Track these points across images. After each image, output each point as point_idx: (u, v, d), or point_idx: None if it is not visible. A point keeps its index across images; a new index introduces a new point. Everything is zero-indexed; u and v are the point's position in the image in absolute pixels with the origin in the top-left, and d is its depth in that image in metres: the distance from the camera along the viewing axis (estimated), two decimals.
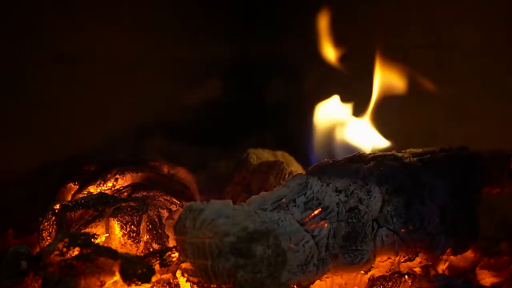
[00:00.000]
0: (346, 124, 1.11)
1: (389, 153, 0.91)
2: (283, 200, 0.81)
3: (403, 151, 0.93)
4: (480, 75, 1.34)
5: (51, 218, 0.90)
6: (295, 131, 1.69)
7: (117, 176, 0.99)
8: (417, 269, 0.92)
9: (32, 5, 1.32)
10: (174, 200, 0.97)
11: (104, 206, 0.90)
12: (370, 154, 0.91)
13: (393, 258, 0.87)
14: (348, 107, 1.15)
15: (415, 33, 1.42)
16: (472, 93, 1.35)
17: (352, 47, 1.29)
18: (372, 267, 0.85)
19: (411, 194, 0.86)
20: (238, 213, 0.75)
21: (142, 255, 0.84)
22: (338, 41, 1.25)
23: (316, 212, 0.80)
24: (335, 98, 1.15)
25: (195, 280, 0.75)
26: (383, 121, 1.14)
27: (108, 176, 0.99)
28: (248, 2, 1.73)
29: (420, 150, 0.94)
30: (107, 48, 1.47)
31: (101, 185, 0.99)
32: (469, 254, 1.00)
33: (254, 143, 1.34)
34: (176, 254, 0.79)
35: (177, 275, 0.84)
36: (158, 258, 0.79)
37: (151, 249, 0.89)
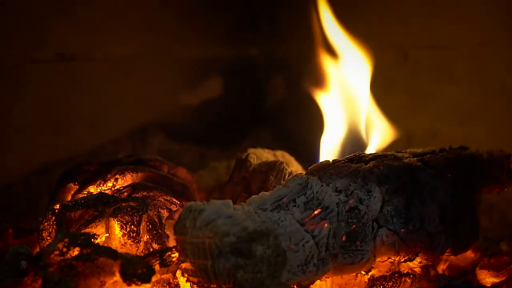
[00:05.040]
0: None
1: (389, 153, 0.91)
2: (283, 200, 0.81)
3: (403, 151, 0.94)
4: (480, 75, 1.34)
5: (51, 218, 0.90)
6: (295, 131, 1.70)
7: (117, 176, 0.99)
8: (417, 269, 0.92)
9: (32, 5, 1.32)
10: (174, 200, 0.97)
11: (104, 206, 0.90)
12: (370, 154, 0.91)
13: (393, 258, 0.87)
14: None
15: (415, 33, 1.42)
16: (472, 93, 1.35)
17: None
18: (372, 267, 0.85)
19: (411, 194, 0.86)
20: (238, 213, 0.75)
21: (142, 255, 0.84)
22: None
23: (316, 212, 0.80)
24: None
25: (195, 280, 0.75)
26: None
27: (108, 176, 0.99)
28: (248, 2, 1.73)
29: (420, 150, 0.94)
30: (107, 48, 1.47)
31: (101, 185, 0.98)
32: (469, 254, 1.00)
33: (254, 143, 1.34)
34: (176, 254, 0.79)
35: (177, 275, 0.84)
36: (158, 258, 0.79)
37: (151, 249, 0.89)
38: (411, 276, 0.87)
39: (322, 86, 1.16)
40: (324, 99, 1.15)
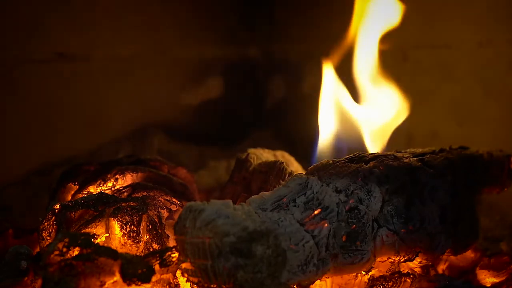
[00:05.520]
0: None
1: (389, 153, 0.91)
2: (283, 200, 0.81)
3: (403, 151, 0.93)
4: (480, 75, 1.34)
5: (51, 218, 0.90)
6: (295, 131, 1.70)
7: (117, 176, 0.99)
8: (417, 269, 0.92)
9: (33, 5, 1.32)
10: (174, 200, 0.97)
11: (104, 206, 0.90)
12: (370, 154, 0.91)
13: (393, 258, 0.87)
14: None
15: (415, 33, 1.42)
16: (472, 93, 1.35)
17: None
18: (372, 267, 0.85)
19: (411, 194, 0.86)
20: (238, 213, 0.75)
21: (142, 255, 0.84)
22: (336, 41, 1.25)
23: (316, 212, 0.80)
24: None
25: (195, 280, 0.75)
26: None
27: (108, 176, 0.99)
28: (248, 3, 1.73)
29: (420, 150, 0.94)
30: (107, 48, 1.47)
31: (101, 185, 0.99)
32: (469, 254, 1.00)
33: (254, 143, 1.34)
34: (176, 254, 0.79)
35: (177, 275, 0.84)
36: (158, 258, 0.79)
37: (151, 249, 0.89)
38: (411, 276, 0.86)
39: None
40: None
